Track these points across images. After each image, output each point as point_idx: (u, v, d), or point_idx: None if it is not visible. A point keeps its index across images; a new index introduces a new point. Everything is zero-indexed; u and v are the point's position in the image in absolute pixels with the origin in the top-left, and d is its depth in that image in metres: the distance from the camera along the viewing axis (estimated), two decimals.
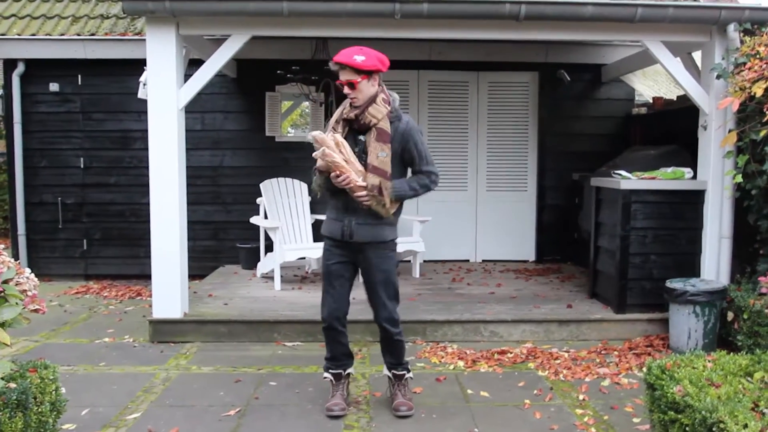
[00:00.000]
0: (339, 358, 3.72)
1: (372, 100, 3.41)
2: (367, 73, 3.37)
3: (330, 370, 3.73)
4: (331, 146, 3.32)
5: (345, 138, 3.44)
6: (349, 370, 3.77)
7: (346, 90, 3.40)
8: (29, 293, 2.89)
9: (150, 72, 5.01)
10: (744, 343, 4.48)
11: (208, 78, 5.09)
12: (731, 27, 4.94)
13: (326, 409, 3.66)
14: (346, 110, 3.48)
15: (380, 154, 3.40)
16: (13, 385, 2.69)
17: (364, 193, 3.37)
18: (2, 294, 2.76)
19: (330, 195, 3.57)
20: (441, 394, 4.02)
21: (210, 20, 4.99)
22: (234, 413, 3.71)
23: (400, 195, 3.48)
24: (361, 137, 3.46)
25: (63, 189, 7.49)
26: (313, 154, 3.37)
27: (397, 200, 3.49)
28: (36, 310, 2.93)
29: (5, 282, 2.79)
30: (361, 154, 3.44)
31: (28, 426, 2.73)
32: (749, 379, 2.88)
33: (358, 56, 3.34)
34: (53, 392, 3.00)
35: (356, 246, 3.53)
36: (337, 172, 3.33)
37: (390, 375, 3.75)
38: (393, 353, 3.71)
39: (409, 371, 3.77)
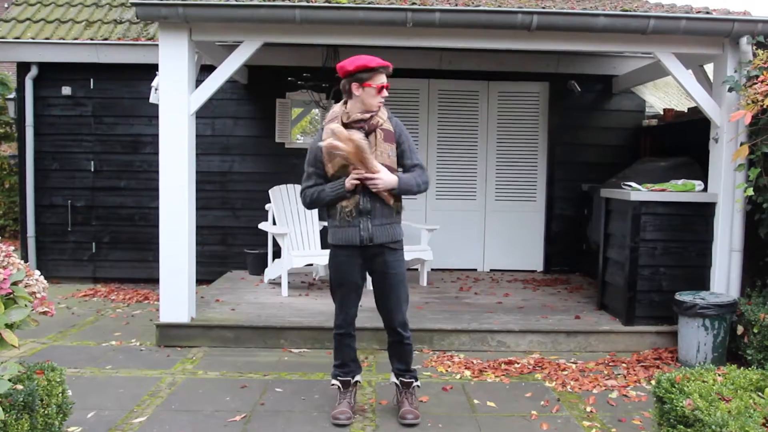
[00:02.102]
0: (348, 364, 3.71)
1: None
2: None
3: (338, 378, 3.72)
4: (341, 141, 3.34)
5: None
6: (357, 378, 3.76)
7: (384, 93, 3.47)
8: (38, 295, 2.90)
9: (162, 77, 5.04)
10: (754, 357, 4.44)
11: (220, 84, 5.12)
12: (744, 40, 4.93)
13: (332, 417, 3.64)
14: (356, 113, 3.46)
15: (390, 153, 3.49)
16: (20, 386, 2.70)
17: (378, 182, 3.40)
18: (11, 296, 2.77)
19: (335, 203, 3.52)
20: (447, 403, 4.00)
21: (222, 26, 5.02)
22: (240, 419, 3.70)
23: (408, 188, 3.51)
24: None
25: (73, 192, 7.53)
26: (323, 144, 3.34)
27: (403, 193, 3.52)
28: (45, 313, 2.94)
29: (15, 284, 2.80)
30: None
31: (34, 428, 2.73)
32: (760, 394, 2.85)
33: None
34: (60, 395, 3.01)
35: (374, 249, 3.52)
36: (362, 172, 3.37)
37: (398, 382, 3.73)
38: (402, 359, 3.70)
39: (416, 379, 3.75)
